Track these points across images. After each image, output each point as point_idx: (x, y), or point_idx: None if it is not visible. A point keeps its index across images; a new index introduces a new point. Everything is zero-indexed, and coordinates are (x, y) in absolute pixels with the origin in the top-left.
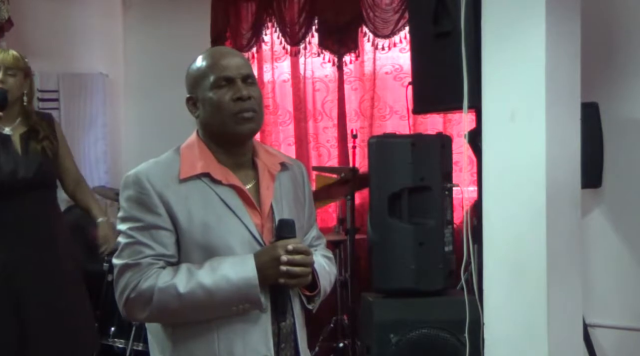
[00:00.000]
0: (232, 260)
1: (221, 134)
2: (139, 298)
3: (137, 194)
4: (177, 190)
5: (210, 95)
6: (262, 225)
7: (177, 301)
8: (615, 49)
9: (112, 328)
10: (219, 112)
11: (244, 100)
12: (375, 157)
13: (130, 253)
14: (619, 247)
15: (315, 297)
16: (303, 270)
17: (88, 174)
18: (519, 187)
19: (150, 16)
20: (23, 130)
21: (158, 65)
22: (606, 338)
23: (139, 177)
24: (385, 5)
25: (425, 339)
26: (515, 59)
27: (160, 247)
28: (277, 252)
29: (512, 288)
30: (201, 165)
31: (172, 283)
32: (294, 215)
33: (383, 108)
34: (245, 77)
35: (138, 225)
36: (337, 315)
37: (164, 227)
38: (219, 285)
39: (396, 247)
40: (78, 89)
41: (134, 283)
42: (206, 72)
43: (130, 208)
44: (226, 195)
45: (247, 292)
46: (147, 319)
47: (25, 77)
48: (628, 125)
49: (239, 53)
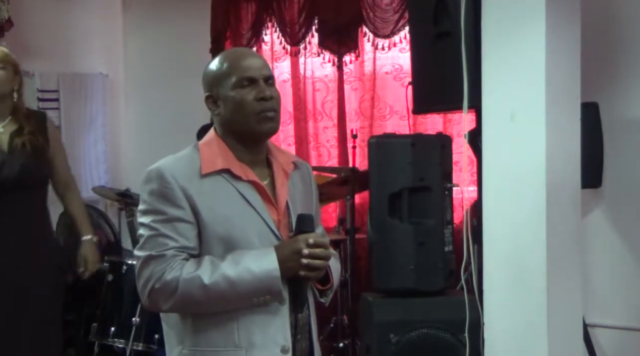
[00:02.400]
0: (254, 253)
1: (243, 132)
2: (164, 288)
3: (161, 187)
4: (199, 185)
5: (233, 94)
6: (279, 220)
7: (201, 292)
8: (615, 49)
9: (112, 328)
10: (242, 111)
11: (267, 100)
12: (375, 157)
13: (154, 245)
14: (619, 247)
15: (328, 291)
16: (322, 263)
17: (88, 174)
18: (519, 186)
19: (150, 16)
20: (13, 128)
21: (158, 65)
22: (606, 338)
23: (162, 171)
24: (385, 5)
25: (425, 339)
26: (515, 58)
27: (183, 239)
28: (299, 245)
29: (512, 288)
30: (221, 161)
31: (196, 275)
32: (307, 212)
33: (383, 108)
34: (267, 78)
35: (161, 218)
36: (337, 315)
37: (186, 220)
38: (241, 277)
39: (396, 247)
40: (78, 89)
41: (158, 274)
42: (228, 72)
43: (153, 201)
44: (246, 191)
45: (268, 284)
46: (170, 309)
47: (15, 73)
48: (628, 125)
49: (259, 55)
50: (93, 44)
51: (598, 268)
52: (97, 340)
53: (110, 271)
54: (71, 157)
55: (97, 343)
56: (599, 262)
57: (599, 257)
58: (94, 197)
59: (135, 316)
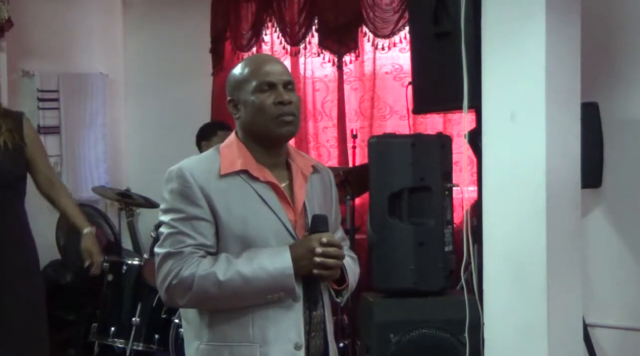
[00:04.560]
0: (269, 251)
1: (262, 135)
2: (180, 284)
3: (181, 187)
4: (217, 184)
5: (253, 99)
6: (295, 221)
7: (216, 288)
8: (615, 49)
9: (112, 328)
10: (261, 115)
11: (285, 104)
12: (375, 157)
13: (173, 242)
14: (619, 247)
15: (344, 291)
16: (335, 262)
17: (88, 174)
18: (519, 186)
19: (150, 16)
20: None
21: (158, 65)
22: (606, 338)
23: (183, 171)
24: (385, 5)
25: (425, 339)
26: (515, 58)
27: (201, 237)
28: (312, 244)
29: (512, 288)
30: (240, 162)
31: (212, 271)
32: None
33: (383, 108)
34: (286, 83)
35: (180, 216)
36: (337, 315)
37: (204, 219)
38: (256, 274)
39: (396, 247)
40: (78, 89)
41: (175, 271)
42: (249, 77)
43: (173, 200)
44: (263, 191)
45: (282, 281)
46: (187, 305)
47: None
48: (628, 125)
49: (280, 61)
50: (93, 44)
51: (598, 268)
52: (97, 340)
53: (110, 271)
54: (71, 157)
55: (97, 343)
56: (599, 262)
57: (599, 257)
58: (94, 197)
59: (135, 316)
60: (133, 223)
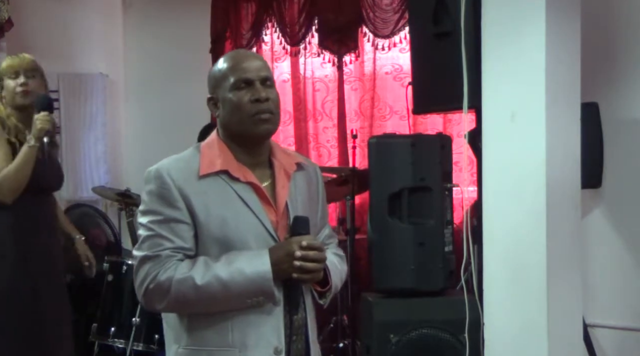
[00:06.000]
0: (248, 254)
1: (239, 134)
2: (158, 289)
3: (158, 188)
4: (196, 185)
5: (230, 96)
6: (277, 222)
7: (194, 292)
8: (615, 49)
9: (112, 328)
10: (238, 113)
11: (262, 101)
12: (375, 157)
13: (150, 246)
14: (619, 247)
15: (327, 293)
16: (316, 265)
17: (88, 174)
18: (519, 187)
19: (150, 16)
20: None
21: (158, 65)
22: (606, 338)
23: (160, 172)
24: (385, 5)
25: (425, 339)
26: (515, 59)
27: (179, 240)
28: (292, 247)
29: (512, 288)
30: (220, 162)
31: (189, 275)
32: (308, 214)
33: (383, 108)
34: (264, 80)
35: (158, 218)
36: (337, 315)
37: (183, 221)
38: (234, 278)
39: (396, 247)
40: (78, 89)
41: (153, 275)
42: (227, 74)
43: (151, 202)
44: (243, 192)
45: (261, 285)
46: (165, 309)
47: (42, 79)
48: (628, 125)
49: (259, 56)
50: (93, 44)
51: (598, 268)
52: (97, 340)
53: (110, 271)
54: (71, 157)
55: (97, 343)
56: (599, 262)
57: (599, 257)
58: (94, 197)
59: (135, 316)
60: (133, 223)
